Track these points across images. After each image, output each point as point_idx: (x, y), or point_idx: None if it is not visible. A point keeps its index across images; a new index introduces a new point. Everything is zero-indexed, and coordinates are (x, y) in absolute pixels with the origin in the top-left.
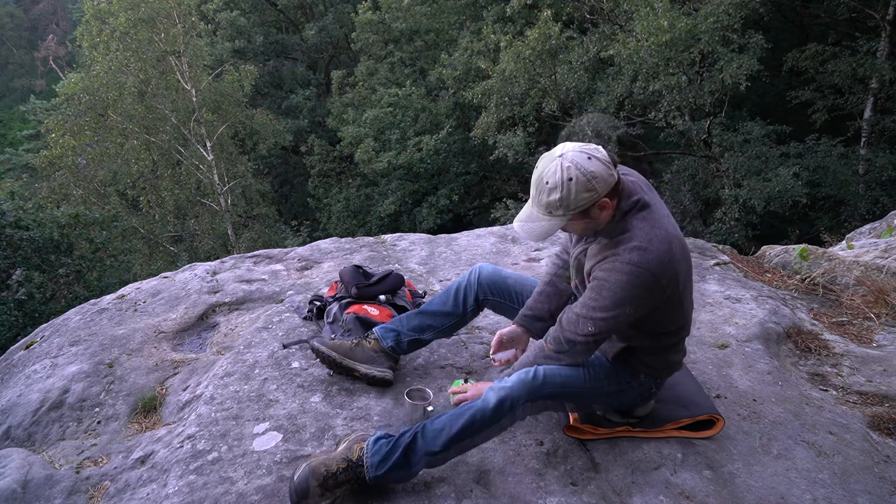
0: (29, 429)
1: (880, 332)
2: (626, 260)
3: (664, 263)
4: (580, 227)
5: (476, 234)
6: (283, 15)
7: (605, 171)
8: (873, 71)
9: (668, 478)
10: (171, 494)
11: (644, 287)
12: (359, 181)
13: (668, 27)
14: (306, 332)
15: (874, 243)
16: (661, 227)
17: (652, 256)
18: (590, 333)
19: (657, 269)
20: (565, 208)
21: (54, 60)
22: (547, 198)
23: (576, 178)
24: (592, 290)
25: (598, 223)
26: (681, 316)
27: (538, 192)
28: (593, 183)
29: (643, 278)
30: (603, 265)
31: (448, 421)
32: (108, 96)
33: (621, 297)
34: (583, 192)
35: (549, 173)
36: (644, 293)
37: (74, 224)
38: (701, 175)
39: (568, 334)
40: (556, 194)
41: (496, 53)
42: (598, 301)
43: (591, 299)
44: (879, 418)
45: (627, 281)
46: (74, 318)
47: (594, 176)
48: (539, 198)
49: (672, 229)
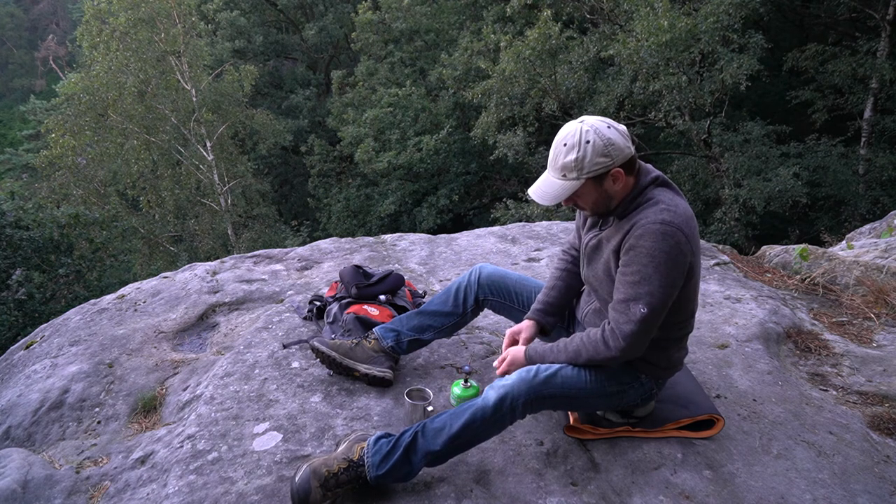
0: (29, 429)
1: (880, 332)
2: (658, 220)
3: (692, 228)
4: (592, 197)
5: (476, 234)
6: (283, 15)
7: (622, 141)
8: (873, 71)
9: (668, 478)
10: (171, 494)
11: (679, 248)
12: (359, 181)
13: (668, 27)
14: (306, 332)
15: (874, 243)
16: (682, 199)
17: (681, 219)
18: (643, 316)
19: (687, 230)
20: (579, 171)
21: (54, 60)
22: (564, 158)
23: (593, 141)
24: (627, 264)
25: (610, 198)
26: (692, 301)
27: (555, 154)
28: (609, 149)
29: (677, 238)
30: (634, 232)
31: (448, 420)
32: (108, 96)
33: (661, 259)
34: (599, 157)
35: (568, 136)
36: (679, 255)
37: (74, 224)
38: (701, 175)
39: (622, 327)
40: (573, 154)
41: (496, 53)
42: (639, 272)
43: (630, 273)
44: (879, 418)
45: (664, 240)
46: (74, 318)
47: (611, 143)
48: (556, 160)
49: (689, 206)
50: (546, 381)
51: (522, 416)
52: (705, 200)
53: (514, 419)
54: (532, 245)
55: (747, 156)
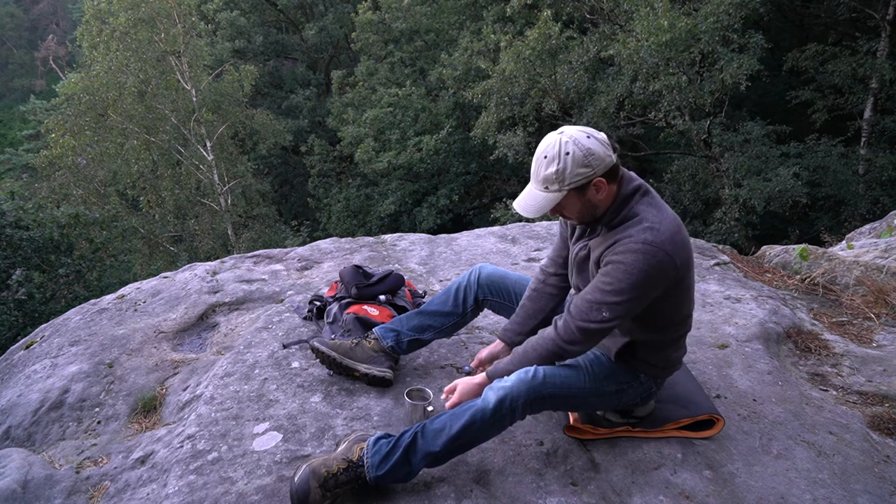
0: (29, 429)
1: (880, 332)
2: (640, 239)
3: (676, 243)
4: (577, 207)
5: (476, 234)
6: (283, 15)
7: (602, 151)
8: (873, 71)
9: (668, 478)
10: (171, 494)
11: (659, 267)
12: (359, 181)
13: (668, 27)
14: (306, 332)
15: (874, 243)
16: (667, 211)
17: (665, 237)
18: (604, 320)
19: (671, 248)
20: (560, 182)
21: (54, 60)
22: (544, 171)
23: (573, 152)
24: (606, 273)
25: (595, 206)
26: (687, 305)
27: (537, 167)
28: (590, 160)
29: (658, 257)
30: (616, 248)
31: (448, 421)
32: (108, 96)
33: (637, 278)
34: (579, 168)
35: (548, 147)
36: (659, 273)
37: (74, 224)
38: (701, 175)
39: (579, 322)
40: (553, 167)
41: (496, 53)
42: (612, 284)
43: (605, 283)
44: (879, 418)
45: (644, 260)
46: (74, 318)
47: (591, 153)
48: (537, 172)
49: (675, 216)
50: (545, 381)
51: (522, 416)
52: (705, 200)
53: (514, 420)
54: (532, 245)
55: (747, 156)
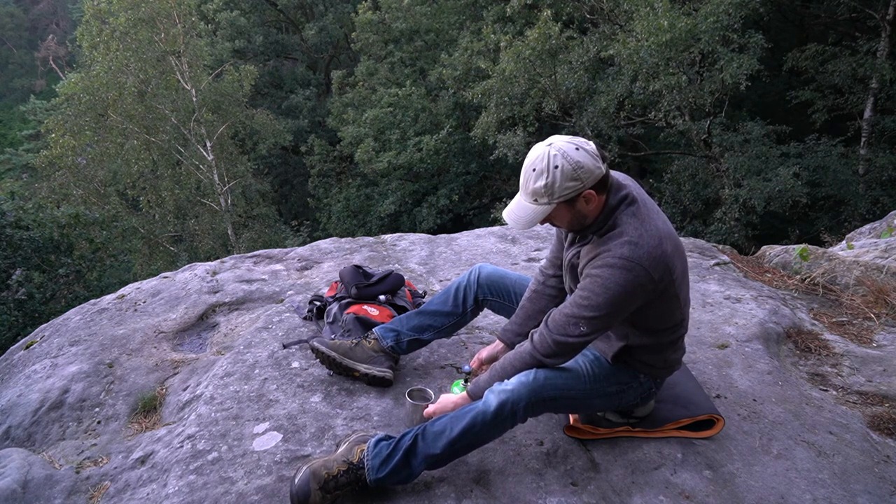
0: (29, 429)
1: (880, 332)
2: (617, 255)
3: (656, 258)
4: (567, 218)
5: (476, 234)
6: (283, 15)
7: (591, 163)
8: (873, 71)
9: (668, 478)
10: (171, 494)
11: (636, 282)
12: (359, 181)
13: (668, 27)
14: (306, 332)
15: (874, 243)
16: (650, 223)
17: (643, 251)
18: (581, 334)
19: (649, 263)
20: (550, 196)
21: (54, 60)
22: (533, 184)
23: (562, 166)
24: (583, 288)
25: (585, 217)
26: (678, 312)
27: (525, 179)
28: (579, 172)
29: (635, 272)
30: (594, 262)
31: (448, 423)
32: (108, 96)
33: (614, 293)
34: (568, 181)
35: (537, 160)
36: (636, 289)
37: (74, 224)
38: (701, 175)
39: (556, 336)
40: (542, 180)
41: (496, 53)
42: (589, 299)
43: (583, 298)
44: (879, 418)
45: (620, 276)
46: (74, 318)
47: (580, 166)
48: (526, 184)
49: (662, 225)
50: (546, 383)
51: (524, 419)
52: (705, 200)
53: (515, 423)
54: (532, 245)
55: (747, 156)
